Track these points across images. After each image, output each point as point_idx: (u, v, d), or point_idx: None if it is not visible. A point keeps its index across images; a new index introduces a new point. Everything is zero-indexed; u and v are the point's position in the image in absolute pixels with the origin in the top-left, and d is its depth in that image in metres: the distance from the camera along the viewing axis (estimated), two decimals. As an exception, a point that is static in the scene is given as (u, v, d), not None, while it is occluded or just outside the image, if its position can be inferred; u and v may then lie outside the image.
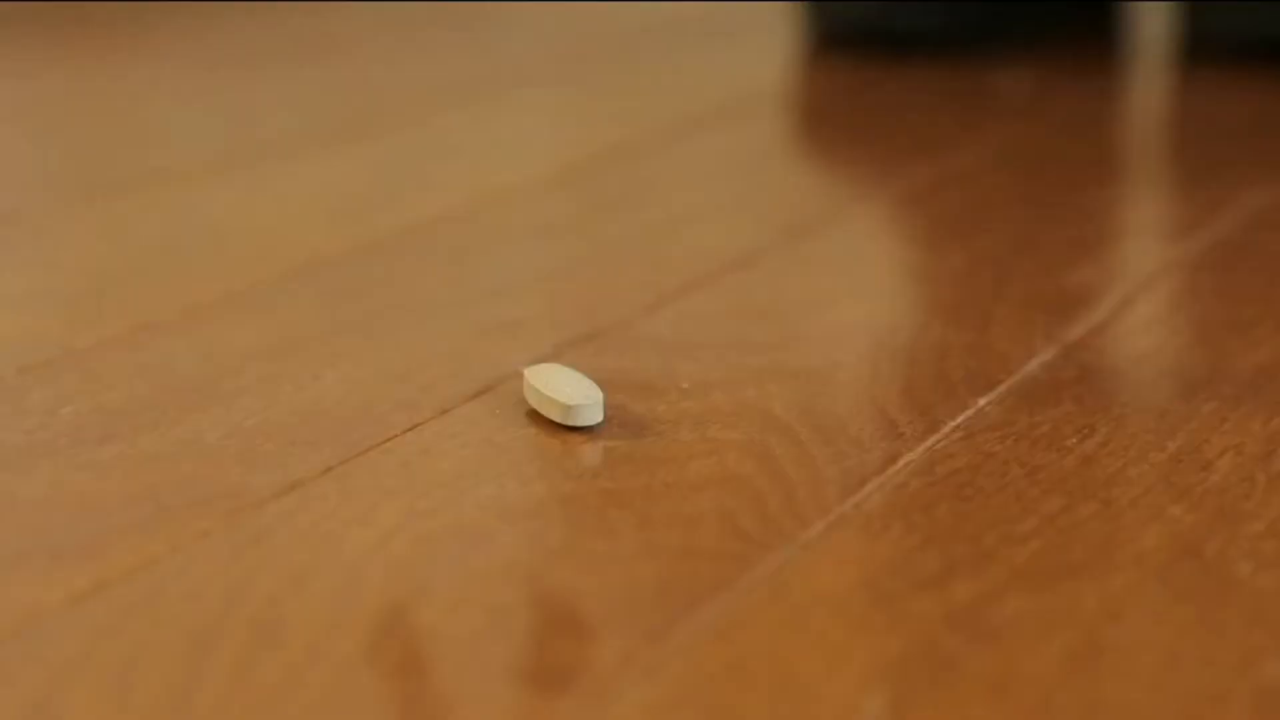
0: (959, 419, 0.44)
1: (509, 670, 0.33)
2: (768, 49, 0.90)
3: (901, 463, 0.42)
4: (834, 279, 0.56)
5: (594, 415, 0.43)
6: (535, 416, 0.44)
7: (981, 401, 0.45)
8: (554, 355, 0.49)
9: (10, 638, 0.33)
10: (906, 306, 0.54)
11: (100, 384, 0.46)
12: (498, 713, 0.31)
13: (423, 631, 0.34)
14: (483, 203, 0.64)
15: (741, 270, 0.57)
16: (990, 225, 0.63)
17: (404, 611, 0.35)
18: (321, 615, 0.35)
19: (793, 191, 0.67)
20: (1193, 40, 0.86)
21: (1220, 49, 0.84)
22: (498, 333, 0.51)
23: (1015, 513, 0.39)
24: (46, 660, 0.33)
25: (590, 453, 0.42)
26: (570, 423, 0.43)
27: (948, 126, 0.76)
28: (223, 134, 0.73)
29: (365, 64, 0.87)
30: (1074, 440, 0.43)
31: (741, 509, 0.39)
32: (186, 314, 0.52)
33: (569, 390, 0.43)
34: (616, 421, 0.44)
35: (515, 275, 0.56)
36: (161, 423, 0.43)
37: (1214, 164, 0.70)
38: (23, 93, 0.79)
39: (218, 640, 0.33)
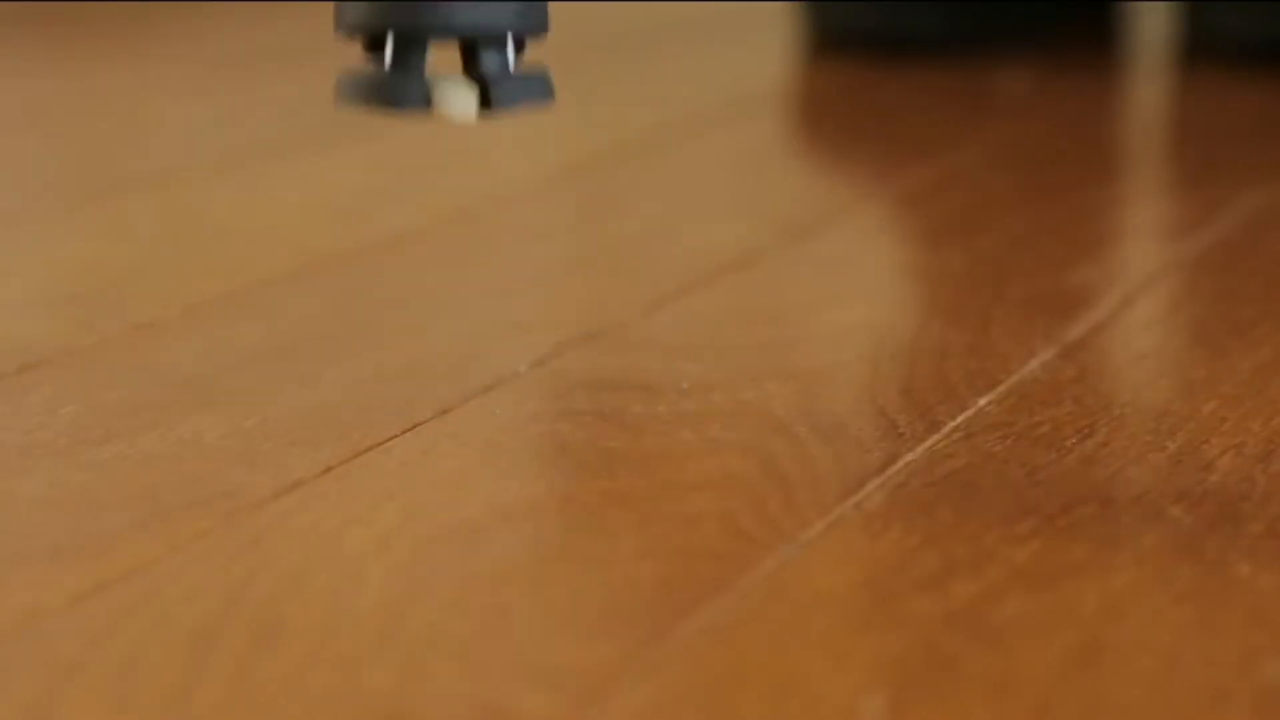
0: (959, 419, 0.44)
1: (508, 671, 0.33)
2: (768, 49, 0.90)
3: (901, 463, 0.42)
4: (834, 279, 0.57)
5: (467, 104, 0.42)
6: (537, 416, 0.44)
7: (981, 401, 0.45)
8: (554, 355, 0.49)
9: (10, 638, 0.33)
10: (906, 306, 0.54)
11: (100, 384, 0.46)
12: (496, 714, 0.31)
13: (422, 632, 0.34)
14: (481, 203, 0.64)
15: (741, 271, 0.57)
16: (990, 225, 0.63)
17: (404, 612, 0.35)
18: (321, 616, 0.35)
19: (792, 192, 0.67)
20: (1193, 40, 0.86)
21: (1220, 49, 0.84)
22: (498, 333, 0.51)
23: (1015, 513, 0.39)
24: (47, 661, 0.33)
25: (590, 453, 0.42)
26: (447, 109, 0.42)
27: (948, 126, 0.76)
28: (223, 134, 0.73)
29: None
30: (1074, 440, 0.43)
31: (741, 509, 0.39)
32: (187, 313, 0.52)
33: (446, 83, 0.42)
34: (617, 422, 0.44)
35: (515, 275, 0.56)
36: (161, 423, 0.43)
37: (1214, 164, 0.70)
38: (24, 93, 0.79)
39: (217, 641, 0.33)
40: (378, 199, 0.65)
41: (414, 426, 0.44)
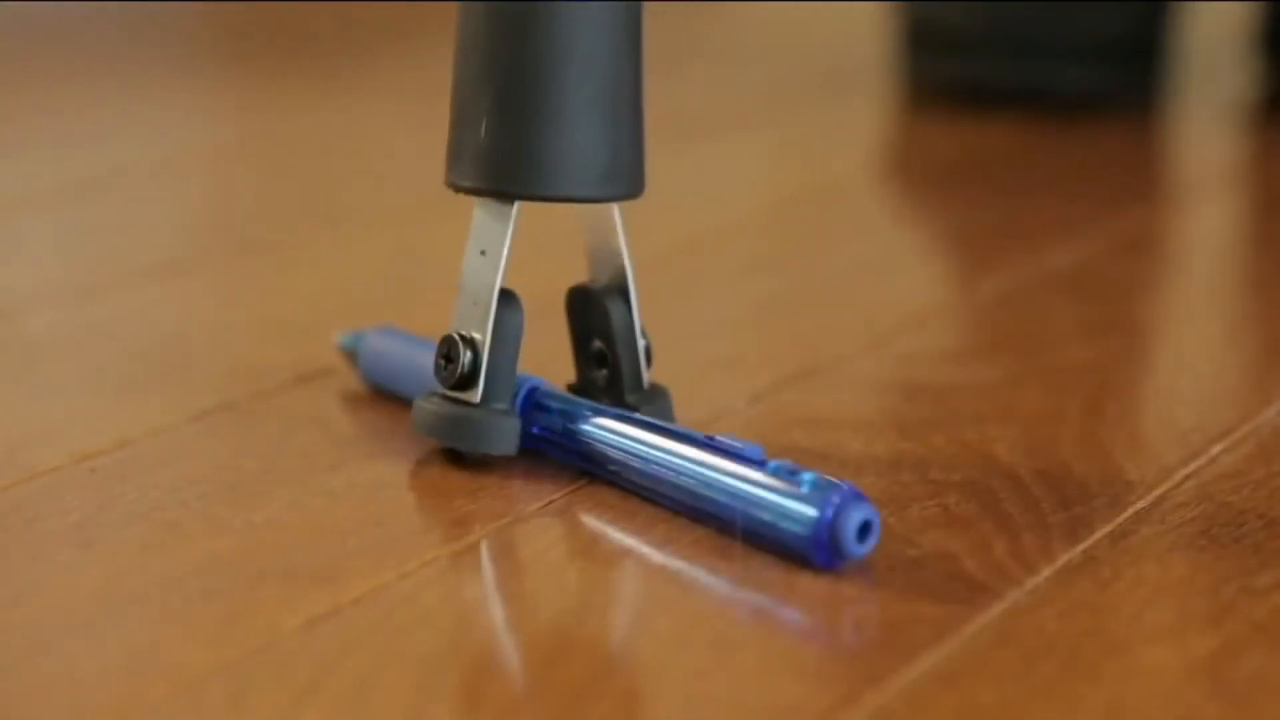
0: (1190, 467, 0.43)
1: (729, 709, 0.33)
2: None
3: (1131, 510, 0.41)
4: (1057, 320, 0.56)
5: None
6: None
7: (1215, 449, 0.44)
8: (771, 391, 0.49)
9: (251, 658, 0.34)
10: (1134, 350, 0.53)
11: (331, 411, 0.47)
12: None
13: (647, 665, 0.34)
14: (695, 240, 0.64)
15: (960, 310, 0.57)
16: (1221, 269, 0.61)
17: (628, 644, 0.35)
18: (547, 645, 0.35)
19: (1017, 230, 0.66)
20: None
21: None
22: (716, 367, 0.51)
23: (1253, 565, 0.38)
24: (285, 682, 0.33)
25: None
26: None
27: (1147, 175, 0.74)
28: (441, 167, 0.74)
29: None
30: (1313, 491, 0.42)
31: (965, 553, 0.39)
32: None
33: None
34: (836, 461, 0.44)
35: (730, 311, 0.56)
36: (390, 452, 0.44)
37: None
38: (246, 129, 0.81)
39: (447, 668, 0.34)
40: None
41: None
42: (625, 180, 0.42)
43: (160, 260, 0.60)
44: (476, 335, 0.42)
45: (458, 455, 0.43)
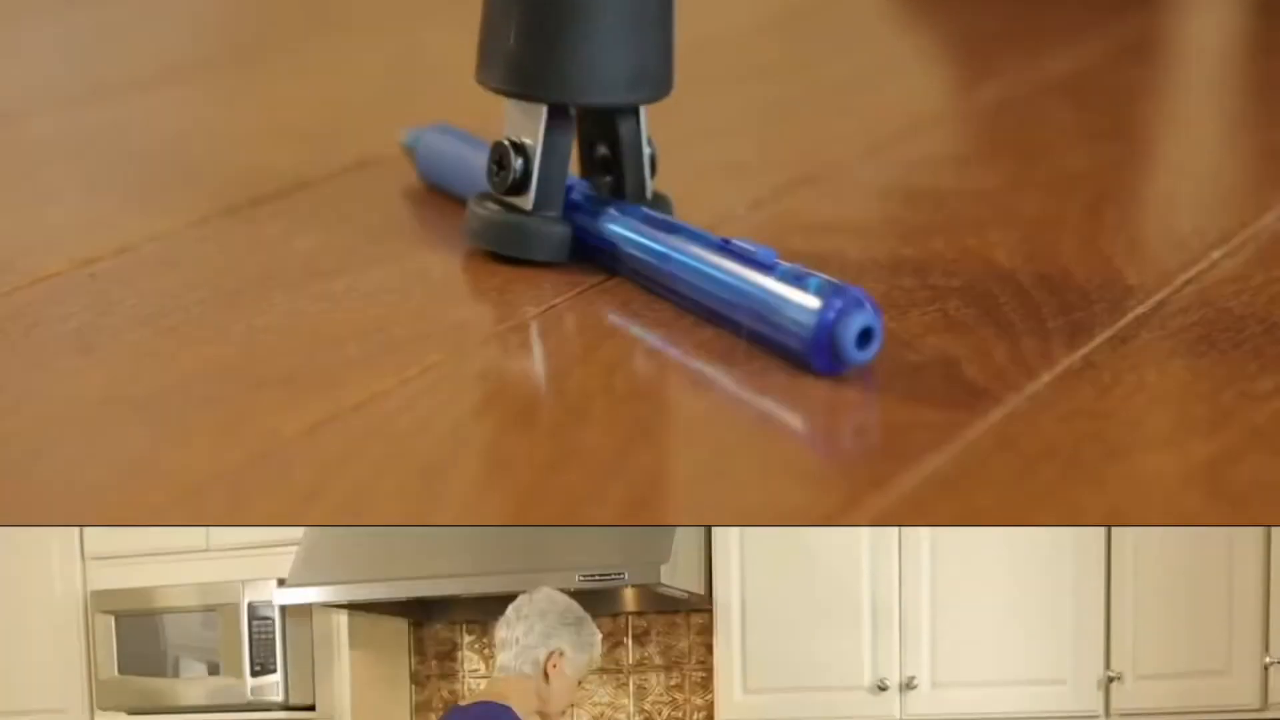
0: (1190, 272, 0.43)
1: (734, 513, 0.33)
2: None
3: (1131, 315, 0.41)
4: (1057, 126, 0.55)
5: None
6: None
7: (1214, 255, 0.44)
8: (772, 197, 0.49)
9: (252, 464, 0.34)
10: (1133, 156, 0.53)
11: (331, 217, 0.47)
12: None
13: (645, 471, 0.35)
14: (698, 45, 0.63)
15: (960, 116, 0.56)
16: (1221, 74, 0.60)
17: (626, 450, 0.35)
18: (548, 450, 0.35)
19: (1012, 34, 0.65)
20: None
21: None
22: (717, 173, 0.50)
23: (1253, 370, 0.38)
24: (286, 488, 0.33)
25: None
26: None
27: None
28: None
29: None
30: (1312, 297, 0.42)
31: (966, 358, 0.39)
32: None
33: None
34: (836, 265, 0.43)
35: (732, 117, 0.56)
36: (390, 256, 0.44)
37: None
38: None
39: (448, 471, 0.34)
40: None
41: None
42: (651, 85, 0.42)
43: (162, 66, 0.59)
44: (528, 141, 0.42)
45: (455, 257, 0.43)
